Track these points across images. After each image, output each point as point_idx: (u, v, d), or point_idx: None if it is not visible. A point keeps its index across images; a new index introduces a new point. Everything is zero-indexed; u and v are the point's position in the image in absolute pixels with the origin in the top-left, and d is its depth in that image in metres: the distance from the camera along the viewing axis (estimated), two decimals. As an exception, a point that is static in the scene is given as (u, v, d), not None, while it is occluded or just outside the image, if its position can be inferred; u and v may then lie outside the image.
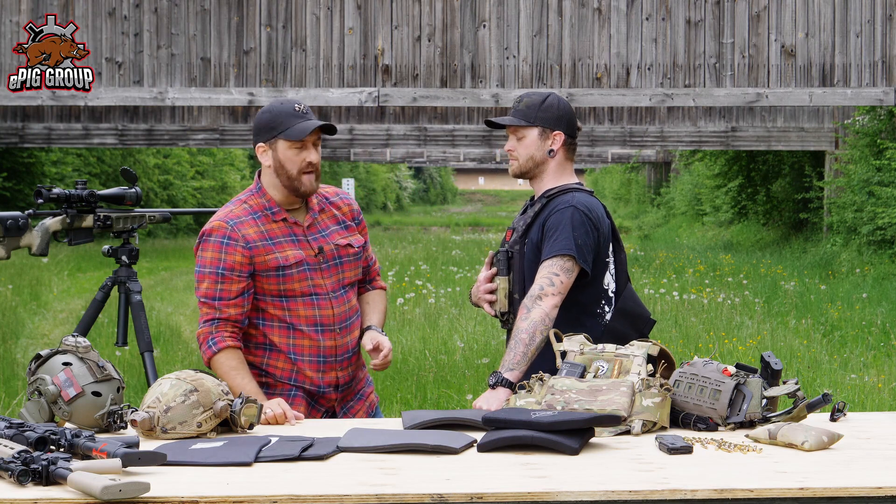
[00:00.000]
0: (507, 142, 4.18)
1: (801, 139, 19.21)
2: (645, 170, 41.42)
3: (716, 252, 21.97)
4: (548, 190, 4.14)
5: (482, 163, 43.87)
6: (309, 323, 3.99)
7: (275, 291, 3.97)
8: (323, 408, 4.05)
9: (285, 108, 3.98)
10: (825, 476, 3.02)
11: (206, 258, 3.96)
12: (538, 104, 4.11)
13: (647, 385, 3.55)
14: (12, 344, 10.51)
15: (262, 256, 3.95)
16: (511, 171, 4.20)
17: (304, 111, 3.97)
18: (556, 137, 4.13)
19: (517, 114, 4.13)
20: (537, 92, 4.17)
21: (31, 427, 3.12)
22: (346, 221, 4.13)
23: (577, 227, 3.99)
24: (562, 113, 4.13)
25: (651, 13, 12.94)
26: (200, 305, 3.97)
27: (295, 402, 3.99)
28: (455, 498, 2.86)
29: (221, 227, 3.97)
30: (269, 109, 4.00)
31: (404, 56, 12.97)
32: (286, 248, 3.98)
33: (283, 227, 4.01)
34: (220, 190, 34.69)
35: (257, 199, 4.03)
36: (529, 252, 4.08)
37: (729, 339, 9.96)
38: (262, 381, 4.00)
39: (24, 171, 23.48)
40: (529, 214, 4.13)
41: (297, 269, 3.97)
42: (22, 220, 5.13)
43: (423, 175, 64.97)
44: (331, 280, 4.03)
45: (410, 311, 11.79)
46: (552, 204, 4.08)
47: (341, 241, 4.08)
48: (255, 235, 3.97)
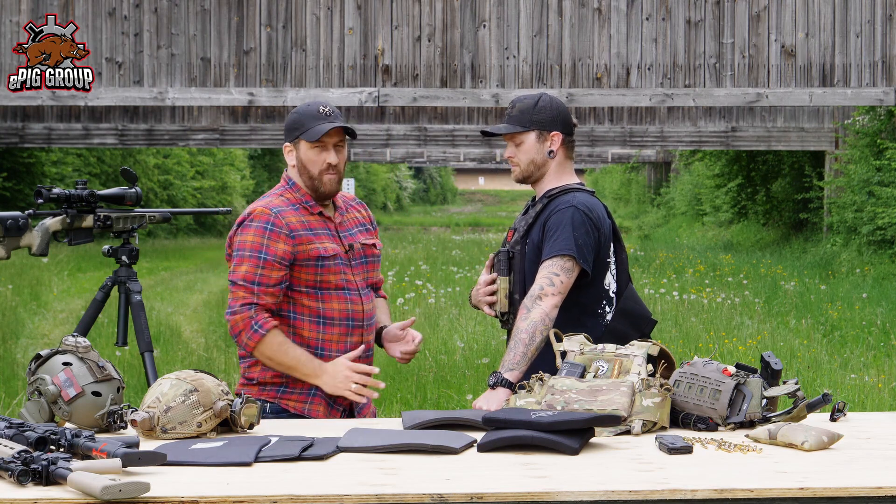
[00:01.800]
0: (507, 149, 4.17)
1: (801, 139, 19.21)
2: (645, 170, 41.41)
3: (716, 252, 21.97)
4: (549, 190, 4.15)
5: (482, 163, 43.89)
6: (342, 317, 4.00)
7: (311, 282, 3.98)
8: (341, 407, 4.04)
9: (310, 109, 4.03)
10: (825, 476, 3.02)
11: (248, 242, 3.94)
12: (531, 107, 4.10)
13: (647, 385, 3.55)
14: (12, 344, 10.51)
15: (304, 245, 3.97)
16: (514, 177, 4.20)
17: (328, 113, 4.01)
18: (553, 138, 4.13)
19: (511, 120, 4.12)
20: (528, 95, 4.16)
21: (31, 427, 3.12)
22: (366, 224, 4.21)
23: (577, 227, 3.99)
24: (556, 112, 4.12)
25: (651, 13, 12.93)
26: (235, 289, 3.91)
27: (314, 402, 3.99)
28: (455, 498, 2.86)
29: (265, 212, 3.97)
30: (297, 110, 4.06)
31: (404, 56, 12.97)
32: (325, 239, 4.02)
33: (320, 220, 4.05)
34: (220, 190, 34.68)
35: (292, 193, 4.06)
36: (530, 252, 4.07)
37: (729, 339, 9.96)
38: (282, 381, 3.99)
39: (24, 171, 23.48)
40: (531, 215, 4.13)
41: (334, 261, 4.00)
42: (22, 220, 5.13)
43: (423, 175, 64.96)
44: (359, 277, 4.08)
45: (410, 311, 11.79)
46: (553, 204, 4.08)
47: (367, 241, 4.15)
48: (298, 224, 3.99)
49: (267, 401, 3.98)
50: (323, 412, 3.99)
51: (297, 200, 4.04)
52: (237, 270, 3.93)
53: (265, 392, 3.99)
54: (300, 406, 3.99)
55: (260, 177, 38.90)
